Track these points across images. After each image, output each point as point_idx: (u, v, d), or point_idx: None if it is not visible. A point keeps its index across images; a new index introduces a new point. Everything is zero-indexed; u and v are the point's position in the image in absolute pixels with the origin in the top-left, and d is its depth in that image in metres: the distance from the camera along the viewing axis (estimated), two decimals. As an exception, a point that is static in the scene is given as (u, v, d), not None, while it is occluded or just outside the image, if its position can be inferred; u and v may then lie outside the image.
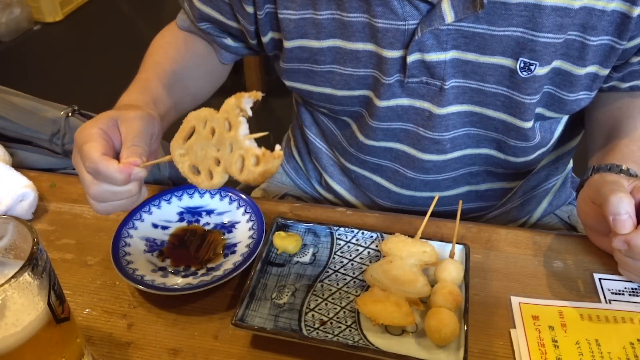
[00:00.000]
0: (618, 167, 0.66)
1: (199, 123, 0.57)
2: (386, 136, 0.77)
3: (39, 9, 3.23)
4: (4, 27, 3.04)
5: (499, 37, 0.65)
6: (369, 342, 0.57)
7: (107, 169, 0.57)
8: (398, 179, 0.81)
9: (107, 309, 0.63)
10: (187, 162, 0.58)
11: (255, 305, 0.60)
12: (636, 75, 0.72)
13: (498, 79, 0.68)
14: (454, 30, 0.66)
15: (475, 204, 0.85)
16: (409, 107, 0.73)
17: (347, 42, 0.70)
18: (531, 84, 0.67)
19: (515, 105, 0.69)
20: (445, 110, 0.71)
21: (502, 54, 0.66)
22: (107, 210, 0.62)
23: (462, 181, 0.81)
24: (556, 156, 0.87)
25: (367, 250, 0.68)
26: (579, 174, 0.98)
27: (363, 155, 0.82)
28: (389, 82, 0.70)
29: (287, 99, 0.93)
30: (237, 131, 0.52)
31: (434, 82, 0.69)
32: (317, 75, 0.75)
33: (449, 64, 0.68)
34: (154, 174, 0.91)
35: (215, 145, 0.55)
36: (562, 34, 0.64)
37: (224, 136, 0.54)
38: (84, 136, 0.60)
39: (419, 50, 0.67)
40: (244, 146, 0.52)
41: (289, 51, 0.74)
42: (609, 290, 0.64)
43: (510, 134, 0.73)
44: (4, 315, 0.44)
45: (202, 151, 0.56)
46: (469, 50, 0.67)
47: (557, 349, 0.57)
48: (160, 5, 3.48)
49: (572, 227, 0.91)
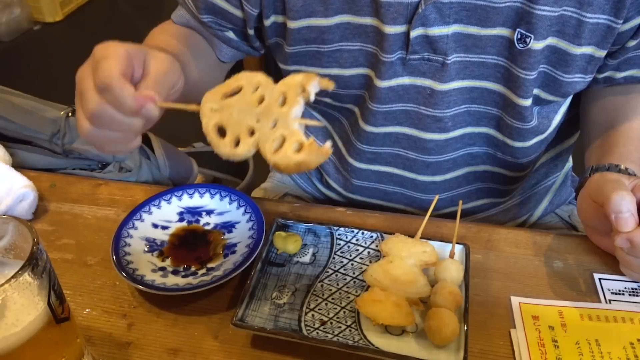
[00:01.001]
0: (617, 167, 0.66)
1: (249, 85, 0.51)
2: (386, 120, 0.77)
3: (39, 9, 3.23)
4: (4, 27, 3.04)
5: (500, 8, 0.66)
6: (369, 342, 0.57)
7: (121, 90, 0.51)
8: (399, 162, 0.81)
9: (107, 309, 0.63)
10: (216, 119, 0.51)
11: (255, 305, 0.60)
12: (631, 64, 0.72)
13: (498, 50, 0.69)
14: (456, 4, 0.66)
15: (474, 186, 0.85)
16: (410, 86, 0.73)
17: (356, 17, 0.70)
18: (526, 58, 0.68)
19: (514, 79, 0.70)
20: (447, 87, 0.72)
21: (503, 24, 0.67)
22: (95, 139, 0.55)
23: (462, 162, 0.81)
24: (555, 153, 0.88)
25: (367, 250, 0.68)
26: (578, 173, 0.98)
27: (362, 144, 0.81)
28: (390, 60, 0.70)
29: (287, 99, 0.93)
30: (291, 109, 0.48)
31: (436, 57, 0.70)
32: (324, 56, 0.74)
33: (451, 38, 0.68)
34: (154, 174, 0.91)
35: (258, 115, 0.50)
36: (558, 7, 0.65)
37: (273, 109, 0.49)
38: (106, 51, 0.52)
39: (422, 25, 0.67)
40: (291, 127, 0.48)
41: (296, 32, 0.73)
42: (609, 290, 0.64)
43: (507, 111, 0.73)
44: (4, 315, 0.44)
45: (239, 115, 0.50)
46: (470, 23, 0.68)
47: (557, 349, 0.57)
48: (160, 5, 3.48)
49: (573, 226, 0.91)
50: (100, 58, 0.52)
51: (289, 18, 0.73)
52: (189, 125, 0.77)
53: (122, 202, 0.78)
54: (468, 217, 0.89)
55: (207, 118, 0.51)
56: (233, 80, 0.53)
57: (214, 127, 0.51)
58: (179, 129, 0.91)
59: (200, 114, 0.52)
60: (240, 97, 0.51)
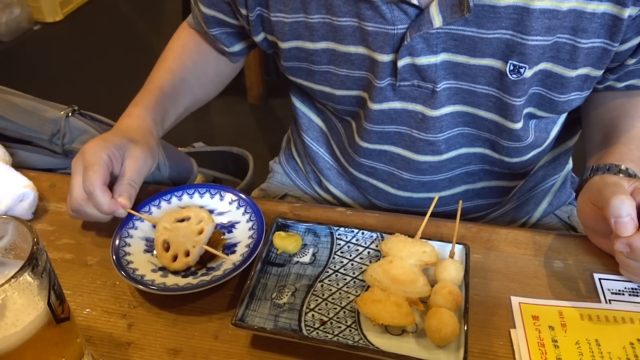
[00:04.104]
0: (617, 167, 0.66)
1: (195, 217, 0.69)
2: (380, 139, 0.77)
3: (39, 9, 3.23)
4: (4, 27, 3.04)
5: (489, 39, 0.65)
6: (369, 342, 0.57)
7: (100, 199, 0.65)
8: (394, 181, 0.81)
9: (107, 309, 0.63)
10: (165, 236, 0.67)
11: (255, 305, 0.60)
12: (632, 75, 0.72)
13: (489, 80, 0.68)
14: (444, 34, 0.65)
15: (474, 203, 0.85)
16: (402, 110, 0.73)
17: (340, 45, 0.70)
18: (520, 87, 0.67)
19: (505, 107, 0.69)
20: (438, 112, 0.71)
21: (492, 56, 0.66)
22: (76, 217, 0.70)
23: (458, 181, 0.81)
24: (553, 156, 0.87)
25: (367, 250, 0.68)
26: (578, 174, 0.98)
27: (359, 157, 0.82)
28: (381, 86, 0.70)
29: (287, 99, 0.93)
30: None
31: (426, 85, 0.69)
32: (316, 74, 0.75)
33: (440, 66, 0.68)
34: (154, 175, 0.92)
35: (195, 242, 0.66)
36: (551, 37, 0.64)
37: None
38: (92, 157, 0.67)
39: (409, 55, 0.67)
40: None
41: (287, 51, 0.74)
42: (609, 290, 0.64)
43: (502, 135, 0.73)
44: (4, 315, 0.44)
45: (182, 239, 0.67)
46: (459, 52, 0.67)
47: (557, 349, 0.57)
48: (160, 5, 3.48)
49: (572, 227, 0.91)
50: (88, 164, 0.66)
51: (278, 39, 0.74)
52: (189, 125, 0.77)
53: (122, 202, 0.78)
54: (466, 219, 0.89)
55: (159, 233, 0.68)
56: (185, 210, 0.70)
57: (162, 243, 0.67)
58: (179, 129, 0.91)
59: (156, 229, 0.68)
60: (186, 225, 0.68)
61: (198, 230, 0.68)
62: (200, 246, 0.66)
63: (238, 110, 2.51)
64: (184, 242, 0.66)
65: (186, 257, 0.65)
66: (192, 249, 0.66)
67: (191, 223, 0.69)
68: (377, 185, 0.84)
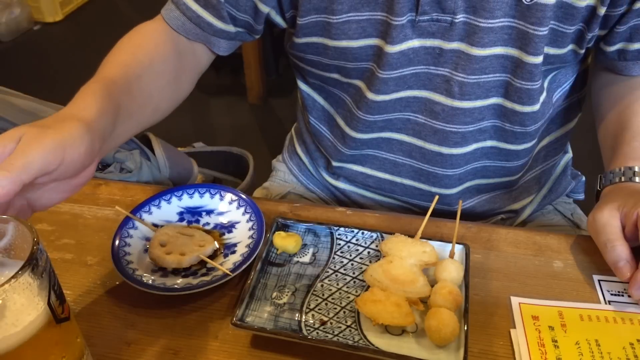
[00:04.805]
0: (631, 170, 0.70)
1: (200, 237, 0.70)
2: (397, 85, 0.78)
3: (39, 9, 3.23)
4: (4, 27, 3.04)
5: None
6: (369, 342, 0.57)
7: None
8: (410, 127, 0.82)
9: (107, 309, 0.63)
10: (163, 239, 0.68)
11: (255, 305, 0.60)
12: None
13: (505, 12, 0.70)
14: None
15: (480, 164, 0.85)
16: (420, 48, 0.74)
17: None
18: (534, 12, 0.69)
19: (523, 36, 0.71)
20: (455, 45, 0.73)
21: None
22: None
23: (470, 138, 0.81)
24: (555, 137, 0.90)
25: (367, 250, 0.68)
26: (578, 166, 1.02)
27: (372, 116, 0.81)
28: (401, 23, 0.71)
29: (287, 99, 0.93)
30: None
31: (445, 17, 0.71)
32: (333, 28, 0.75)
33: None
34: (154, 175, 0.92)
35: (194, 250, 0.68)
36: None
37: None
38: None
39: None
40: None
41: (307, 2, 0.74)
42: (608, 291, 0.64)
43: (516, 73, 0.74)
44: (4, 315, 0.44)
45: (180, 243, 0.68)
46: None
47: (557, 349, 0.57)
48: (160, 5, 3.48)
49: (576, 224, 0.93)
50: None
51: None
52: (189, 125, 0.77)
53: (122, 202, 0.78)
54: (475, 200, 0.90)
55: (159, 234, 0.69)
56: (191, 229, 0.71)
57: (158, 242, 0.67)
58: (179, 129, 0.91)
59: (155, 231, 0.69)
60: (189, 238, 0.69)
61: (199, 244, 0.68)
62: (197, 254, 0.66)
63: (238, 110, 2.51)
64: (181, 246, 0.67)
65: (182, 255, 0.65)
66: (188, 252, 0.66)
67: (193, 238, 0.69)
68: (390, 137, 0.84)
